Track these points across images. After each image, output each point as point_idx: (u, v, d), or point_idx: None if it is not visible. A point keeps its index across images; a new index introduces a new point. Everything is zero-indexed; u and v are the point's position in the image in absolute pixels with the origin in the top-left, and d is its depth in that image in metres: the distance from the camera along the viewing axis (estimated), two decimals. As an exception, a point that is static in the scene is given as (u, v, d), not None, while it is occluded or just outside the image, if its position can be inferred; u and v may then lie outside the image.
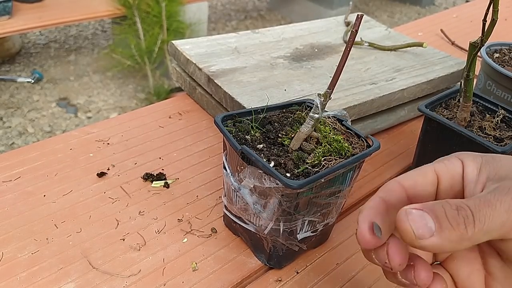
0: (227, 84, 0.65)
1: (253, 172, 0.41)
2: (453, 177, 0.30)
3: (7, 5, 2.18)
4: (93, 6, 2.43)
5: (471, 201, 0.25)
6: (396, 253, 0.28)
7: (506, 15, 1.25)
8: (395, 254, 0.28)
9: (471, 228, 0.24)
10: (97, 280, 0.44)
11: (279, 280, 0.47)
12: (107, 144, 0.63)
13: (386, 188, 0.30)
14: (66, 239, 0.48)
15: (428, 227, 0.24)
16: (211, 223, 0.52)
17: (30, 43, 2.85)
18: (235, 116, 0.47)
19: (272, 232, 0.43)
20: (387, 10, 3.92)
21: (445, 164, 0.30)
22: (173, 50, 0.74)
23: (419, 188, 0.30)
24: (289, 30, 0.85)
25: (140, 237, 0.50)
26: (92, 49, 2.87)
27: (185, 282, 0.45)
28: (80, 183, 0.56)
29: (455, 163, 0.30)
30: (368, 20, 0.94)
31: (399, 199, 0.29)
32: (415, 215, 0.25)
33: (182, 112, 0.72)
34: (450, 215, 0.24)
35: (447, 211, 0.25)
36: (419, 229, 0.24)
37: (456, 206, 0.25)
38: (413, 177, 0.30)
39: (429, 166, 0.30)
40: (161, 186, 0.57)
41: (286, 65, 0.72)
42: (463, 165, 0.30)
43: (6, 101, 2.30)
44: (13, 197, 0.53)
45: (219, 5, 3.70)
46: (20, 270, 0.45)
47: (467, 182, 0.29)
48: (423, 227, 0.24)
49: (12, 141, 2.07)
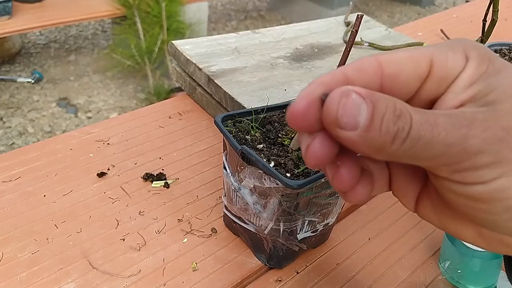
0: (227, 84, 0.65)
1: (253, 172, 0.41)
2: (447, 77, 0.23)
3: (7, 5, 2.18)
4: (93, 6, 2.43)
5: (421, 114, 0.20)
6: (319, 147, 0.22)
7: (506, 15, 1.25)
8: (317, 149, 0.22)
9: (397, 143, 0.20)
10: (97, 280, 0.44)
11: (279, 280, 0.47)
12: (107, 144, 0.63)
13: (359, 66, 0.22)
14: (66, 239, 0.48)
15: (356, 120, 0.20)
16: (211, 223, 0.52)
17: (30, 43, 2.85)
18: (235, 116, 0.47)
19: (272, 232, 0.43)
20: (387, 10, 3.92)
21: (447, 57, 0.23)
22: (173, 50, 0.74)
23: (402, 80, 0.22)
24: (289, 30, 0.85)
25: (140, 237, 0.50)
26: (92, 49, 2.86)
27: (185, 282, 0.45)
28: (80, 183, 0.56)
29: (458, 60, 0.23)
30: (368, 20, 0.94)
31: (368, 85, 0.22)
32: (352, 101, 0.20)
33: (182, 112, 0.72)
34: (387, 119, 0.20)
35: (388, 113, 0.20)
36: (345, 117, 0.20)
37: (401, 111, 0.20)
38: (400, 63, 0.22)
39: (425, 53, 0.23)
40: (161, 186, 0.57)
41: (286, 65, 0.72)
42: (465, 66, 0.22)
43: (6, 101, 2.30)
44: (13, 197, 0.53)
45: (219, 5, 3.70)
46: (20, 270, 0.45)
47: (453, 88, 0.22)
48: (350, 116, 0.20)
49: (12, 141, 2.07)
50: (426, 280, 0.48)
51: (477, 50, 0.23)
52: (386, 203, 0.58)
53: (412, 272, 0.49)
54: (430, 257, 0.51)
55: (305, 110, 0.21)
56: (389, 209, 0.57)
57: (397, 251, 0.51)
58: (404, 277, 0.49)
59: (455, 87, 0.22)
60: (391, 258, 0.51)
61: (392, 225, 0.55)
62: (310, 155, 0.22)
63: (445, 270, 0.48)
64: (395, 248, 0.52)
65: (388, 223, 0.55)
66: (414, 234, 0.54)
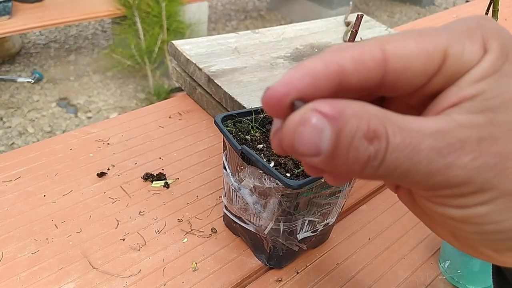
0: (227, 84, 0.64)
1: (253, 172, 0.41)
2: (458, 72, 0.19)
3: (7, 5, 2.18)
4: (93, 6, 2.43)
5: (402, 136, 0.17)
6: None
7: (506, 15, 1.25)
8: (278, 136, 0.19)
9: (368, 171, 0.17)
10: (97, 280, 0.44)
11: (279, 280, 0.47)
12: (107, 144, 0.63)
13: (360, 58, 0.18)
14: (66, 239, 0.48)
15: (317, 146, 0.17)
16: (211, 223, 0.52)
17: (30, 43, 2.85)
18: (235, 116, 0.47)
19: (272, 232, 0.43)
20: (387, 10, 3.92)
21: (464, 48, 0.19)
22: (173, 50, 0.74)
23: (408, 76, 0.19)
24: (289, 30, 0.85)
25: (140, 237, 0.50)
26: (92, 49, 2.86)
27: (185, 282, 0.45)
28: (80, 183, 0.56)
29: (475, 53, 0.19)
30: (368, 20, 0.94)
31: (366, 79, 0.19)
32: (311, 127, 0.17)
33: (182, 112, 0.72)
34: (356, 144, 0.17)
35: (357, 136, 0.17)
36: (301, 146, 0.17)
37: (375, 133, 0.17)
38: (409, 59, 0.18)
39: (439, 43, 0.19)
40: (161, 186, 0.57)
41: (286, 65, 0.72)
42: (480, 60, 0.19)
43: (6, 101, 2.30)
44: (13, 197, 0.53)
45: (219, 5, 3.69)
46: (20, 270, 0.45)
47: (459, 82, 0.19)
48: (309, 145, 0.17)
49: (12, 141, 2.07)
50: (426, 280, 0.48)
51: (499, 41, 0.19)
52: (386, 203, 0.58)
53: (412, 272, 0.49)
54: (430, 257, 0.51)
55: (280, 99, 0.18)
56: (389, 209, 0.57)
57: (397, 251, 0.52)
58: (404, 277, 0.49)
59: (461, 81, 0.19)
60: (391, 258, 0.51)
61: (392, 225, 0.55)
62: (275, 142, 0.20)
63: (445, 270, 0.48)
64: (395, 248, 0.52)
65: (388, 223, 0.55)
66: (414, 234, 0.54)
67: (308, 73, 0.19)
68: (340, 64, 0.18)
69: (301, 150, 0.17)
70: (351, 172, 0.17)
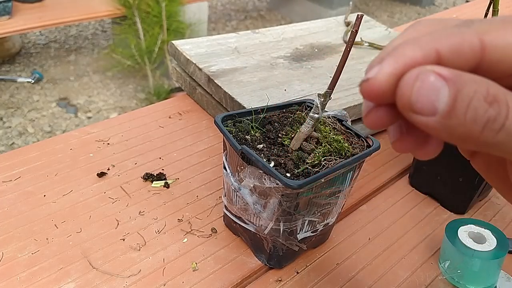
0: (227, 84, 0.65)
1: (253, 172, 0.41)
2: None
3: (7, 5, 2.18)
4: (93, 6, 2.43)
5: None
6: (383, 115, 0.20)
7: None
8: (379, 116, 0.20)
9: (487, 135, 0.17)
10: (97, 280, 0.44)
11: (279, 280, 0.47)
12: (107, 144, 0.63)
13: (459, 48, 0.18)
14: (66, 239, 0.48)
15: (434, 105, 0.17)
16: (211, 223, 0.52)
17: (30, 43, 2.85)
18: (235, 116, 0.47)
19: (272, 232, 0.43)
20: (387, 10, 3.92)
21: None
22: (173, 50, 0.74)
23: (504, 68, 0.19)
24: (289, 30, 0.85)
25: (140, 237, 0.50)
26: (92, 49, 2.86)
27: (185, 282, 0.45)
28: (80, 183, 0.56)
29: None
30: (368, 20, 0.94)
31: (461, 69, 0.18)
32: (429, 84, 0.17)
33: (182, 112, 0.72)
34: (474, 105, 0.17)
35: (476, 98, 0.17)
36: (419, 102, 0.17)
37: (495, 97, 0.17)
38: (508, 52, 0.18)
39: None
40: (161, 186, 0.57)
41: (286, 65, 0.72)
42: None
43: (6, 101, 2.30)
44: (13, 197, 0.53)
45: (219, 5, 3.69)
46: (20, 270, 0.45)
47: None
48: (426, 102, 0.17)
49: (12, 141, 2.07)
50: (426, 280, 0.48)
51: None
52: (386, 203, 0.58)
53: (412, 272, 0.49)
54: (430, 257, 0.51)
55: (383, 89, 0.19)
56: (389, 209, 0.57)
57: (397, 251, 0.51)
58: (404, 277, 0.49)
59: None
60: (391, 258, 0.51)
61: (392, 225, 0.55)
62: (369, 120, 0.20)
63: (445, 270, 0.48)
64: (395, 248, 0.52)
65: (388, 223, 0.55)
66: (414, 234, 0.54)
67: (407, 62, 0.18)
68: (439, 53, 0.18)
69: (417, 107, 0.17)
70: (468, 135, 0.17)
